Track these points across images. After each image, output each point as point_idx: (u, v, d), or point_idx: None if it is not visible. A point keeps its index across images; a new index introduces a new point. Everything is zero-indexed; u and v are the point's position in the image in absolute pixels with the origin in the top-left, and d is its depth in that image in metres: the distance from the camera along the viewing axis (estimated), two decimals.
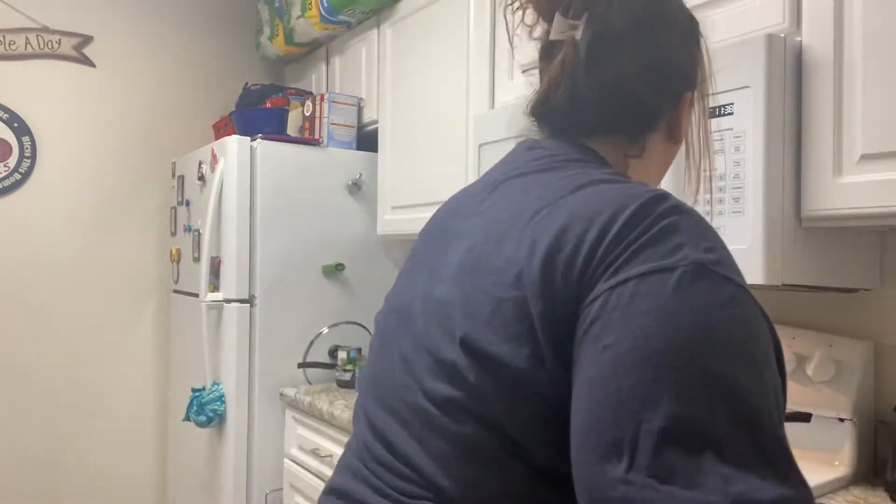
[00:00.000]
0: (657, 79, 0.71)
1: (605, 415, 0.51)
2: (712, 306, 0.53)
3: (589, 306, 0.54)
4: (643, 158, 0.73)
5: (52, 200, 2.68)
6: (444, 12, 2.02)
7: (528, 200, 0.64)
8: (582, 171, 0.66)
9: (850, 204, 1.07)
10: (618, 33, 0.68)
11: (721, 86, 1.15)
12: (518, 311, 0.58)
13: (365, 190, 2.40)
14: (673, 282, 0.52)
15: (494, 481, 0.60)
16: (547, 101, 0.72)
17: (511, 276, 0.59)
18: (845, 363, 1.30)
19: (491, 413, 0.59)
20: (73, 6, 2.70)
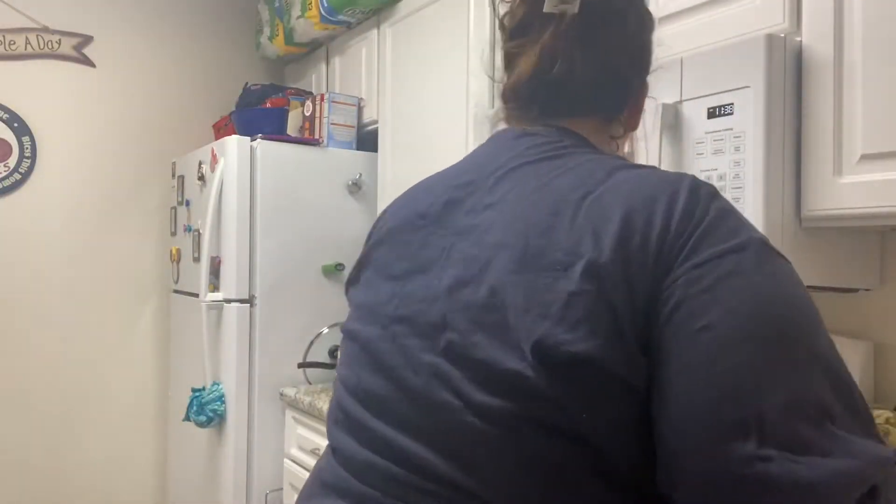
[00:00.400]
0: (639, 59, 0.72)
1: (721, 395, 0.50)
2: (790, 283, 0.56)
3: (669, 289, 0.54)
4: (620, 140, 0.74)
5: (52, 200, 2.68)
6: (444, 12, 2.02)
7: (561, 189, 0.61)
8: (595, 156, 0.65)
9: (850, 204, 1.07)
10: (608, 10, 0.68)
11: (721, 86, 1.15)
12: (596, 303, 0.54)
13: (365, 190, 2.40)
14: (751, 260, 0.54)
15: (569, 501, 0.55)
16: (534, 80, 0.69)
17: (580, 268, 0.55)
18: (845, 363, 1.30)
19: (570, 424, 0.54)
20: (73, 6, 2.70)
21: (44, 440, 2.66)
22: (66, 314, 2.70)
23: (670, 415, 0.52)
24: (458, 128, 1.95)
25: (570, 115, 0.70)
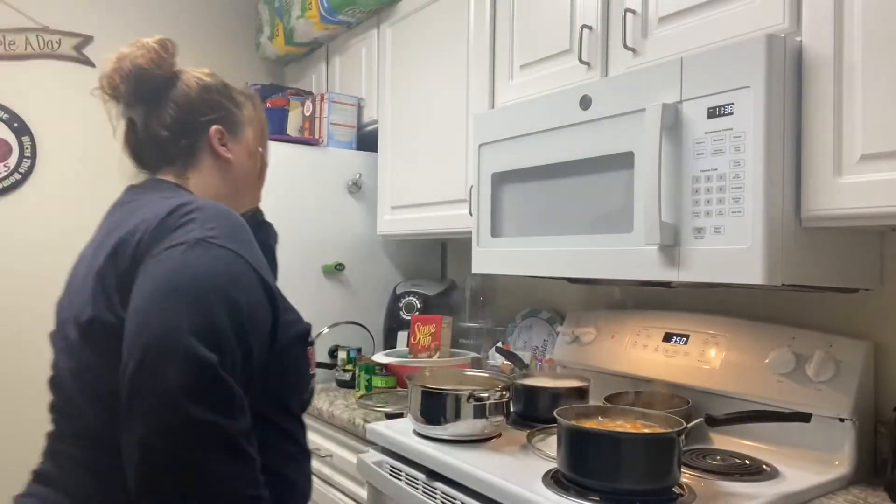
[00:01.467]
0: (184, 125, 1.12)
1: (132, 327, 0.85)
2: (198, 261, 0.88)
3: (139, 270, 0.89)
4: (199, 177, 1.12)
5: (52, 200, 2.68)
6: (444, 12, 2.02)
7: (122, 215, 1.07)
8: (156, 195, 1.06)
9: (850, 204, 1.07)
10: (151, 110, 1.14)
11: (721, 86, 1.15)
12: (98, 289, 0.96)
13: (365, 190, 2.40)
14: (181, 250, 0.88)
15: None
16: (136, 150, 1.24)
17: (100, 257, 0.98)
18: (845, 363, 1.30)
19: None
20: (73, 6, 2.70)
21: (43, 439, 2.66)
22: None
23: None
24: (458, 128, 1.95)
25: (158, 171, 1.18)
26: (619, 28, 1.45)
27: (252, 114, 1.18)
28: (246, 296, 0.90)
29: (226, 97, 1.15)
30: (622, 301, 1.87)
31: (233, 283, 0.89)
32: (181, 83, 1.13)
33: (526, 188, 1.55)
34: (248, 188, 1.19)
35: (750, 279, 1.10)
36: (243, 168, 1.15)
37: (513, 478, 1.20)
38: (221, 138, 1.12)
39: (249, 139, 1.16)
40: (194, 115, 1.11)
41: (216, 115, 1.12)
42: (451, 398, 1.43)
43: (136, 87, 1.09)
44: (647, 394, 1.56)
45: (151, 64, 1.09)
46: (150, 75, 1.09)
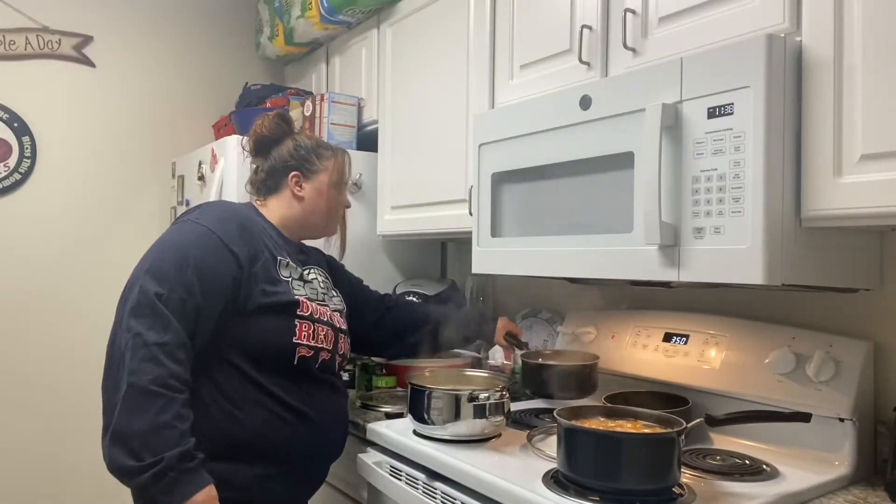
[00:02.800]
0: (275, 170, 1.58)
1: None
2: (177, 231, 1.36)
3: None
4: (274, 202, 1.57)
5: (52, 200, 2.68)
6: (444, 12, 2.02)
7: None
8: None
9: (850, 204, 1.07)
10: (263, 161, 1.60)
11: (721, 86, 1.15)
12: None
13: (365, 190, 2.40)
14: (174, 226, 1.39)
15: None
16: (252, 185, 1.63)
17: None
18: (845, 363, 1.30)
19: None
20: (73, 6, 2.70)
21: (44, 439, 2.66)
22: (66, 314, 2.70)
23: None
24: (458, 128, 1.95)
25: (260, 195, 1.61)
26: (619, 28, 1.45)
27: (331, 165, 1.58)
28: (201, 255, 1.30)
29: (311, 151, 1.57)
30: (621, 301, 1.87)
31: (191, 245, 1.30)
32: (284, 143, 1.57)
33: (526, 188, 1.55)
34: (315, 218, 1.57)
35: (750, 279, 1.10)
36: (311, 203, 1.56)
37: (513, 478, 1.20)
38: (298, 181, 1.55)
39: (323, 183, 1.57)
40: (284, 163, 1.55)
41: (296, 164, 1.55)
42: (451, 398, 1.43)
43: (256, 146, 1.59)
44: (646, 394, 1.56)
45: (266, 131, 1.57)
46: (265, 138, 1.57)
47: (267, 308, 1.35)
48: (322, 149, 1.59)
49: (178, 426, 1.16)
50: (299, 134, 1.61)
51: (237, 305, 1.33)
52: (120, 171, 2.81)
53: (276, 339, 1.36)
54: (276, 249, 1.44)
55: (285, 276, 1.42)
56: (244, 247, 1.35)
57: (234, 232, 1.36)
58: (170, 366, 1.19)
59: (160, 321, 1.21)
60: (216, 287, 1.30)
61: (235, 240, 1.35)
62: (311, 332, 1.40)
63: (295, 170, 1.55)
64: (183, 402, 1.19)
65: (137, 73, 2.84)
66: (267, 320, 1.35)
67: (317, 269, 1.58)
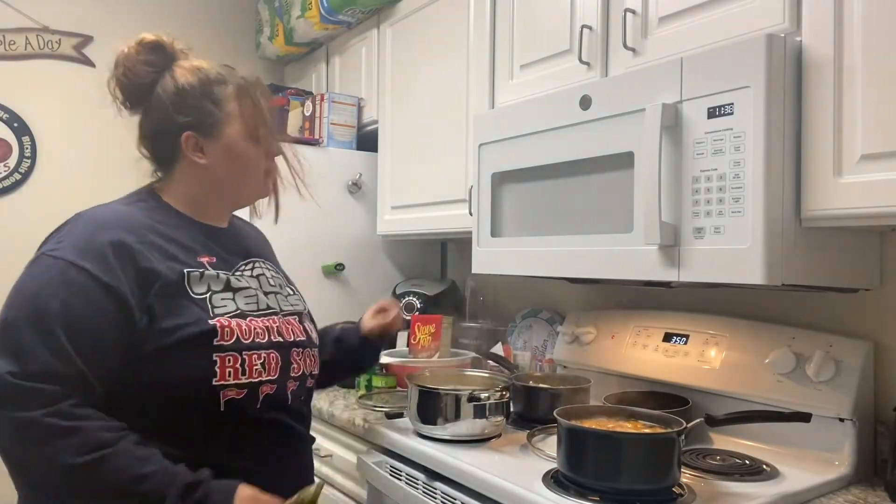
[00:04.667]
0: (160, 134, 1.14)
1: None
2: (27, 275, 1.01)
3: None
4: (173, 184, 1.17)
5: (52, 200, 2.68)
6: (444, 12, 2.02)
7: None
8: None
9: (850, 204, 1.07)
10: (142, 113, 1.17)
11: (721, 86, 1.15)
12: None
13: (365, 190, 2.40)
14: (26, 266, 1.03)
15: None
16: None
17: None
18: (845, 363, 1.30)
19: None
20: (73, 6, 2.70)
21: None
22: None
23: None
24: (458, 128, 1.95)
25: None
26: (619, 28, 1.45)
27: (235, 108, 1.13)
28: (64, 304, 0.95)
29: (202, 95, 1.11)
30: (621, 301, 1.88)
31: (48, 293, 0.96)
32: (161, 86, 1.12)
33: (526, 188, 1.55)
34: (232, 185, 1.17)
35: (750, 279, 1.10)
36: (224, 169, 1.14)
37: (513, 478, 1.20)
38: (196, 142, 1.11)
39: (233, 137, 1.12)
40: (168, 121, 1.11)
41: (189, 119, 1.10)
42: (451, 398, 1.43)
43: (128, 97, 1.15)
44: (646, 394, 1.56)
45: (132, 76, 1.14)
46: (137, 87, 1.13)
47: (171, 348, 0.99)
48: (216, 85, 1.13)
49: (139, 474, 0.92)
50: (180, 67, 1.14)
51: (131, 354, 0.98)
52: (120, 171, 2.81)
53: (186, 387, 1.00)
54: (184, 257, 1.07)
55: (200, 294, 1.05)
56: (126, 275, 0.99)
57: (108, 256, 0.99)
58: (70, 430, 0.91)
59: (25, 395, 0.90)
60: (98, 345, 0.96)
61: (111, 268, 0.98)
62: (238, 366, 1.03)
63: (187, 128, 1.11)
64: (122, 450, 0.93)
65: None
66: (173, 364, 1.00)
67: (261, 262, 1.26)
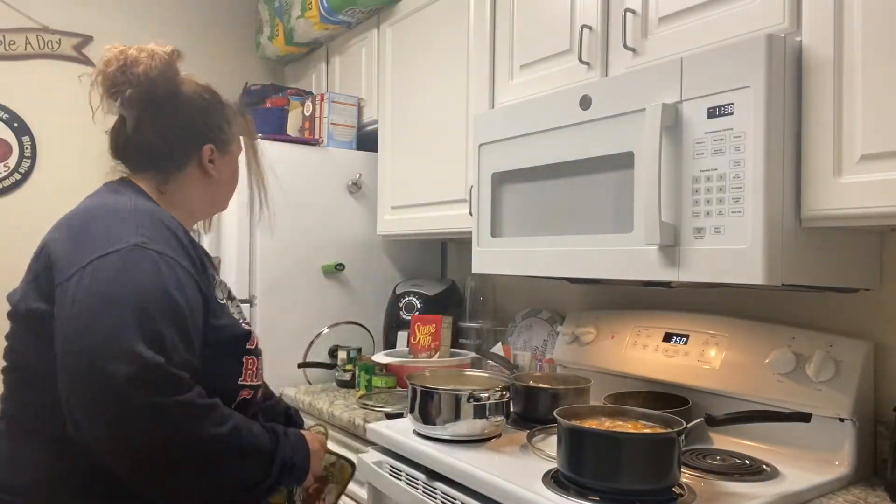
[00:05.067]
0: (179, 137, 1.13)
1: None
2: (141, 267, 0.95)
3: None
4: (179, 187, 1.15)
5: (52, 200, 2.68)
6: (444, 12, 2.02)
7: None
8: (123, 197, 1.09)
9: (850, 204, 1.07)
10: (148, 116, 1.11)
11: (721, 86, 1.15)
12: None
13: (365, 190, 2.40)
14: (115, 256, 0.97)
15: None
16: (120, 149, 1.18)
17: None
18: (845, 363, 1.30)
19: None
20: (73, 6, 2.70)
21: None
22: None
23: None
24: (458, 128, 1.95)
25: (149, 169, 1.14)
26: (619, 28, 1.45)
27: (239, 130, 1.23)
28: (186, 296, 0.97)
29: (222, 116, 1.19)
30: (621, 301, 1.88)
31: (172, 285, 0.95)
32: (184, 96, 1.15)
33: (526, 188, 1.55)
34: (223, 199, 1.25)
35: (750, 279, 1.10)
36: (225, 183, 1.22)
37: (513, 478, 1.20)
38: (211, 156, 1.16)
39: (235, 156, 1.22)
40: (191, 130, 1.14)
41: (212, 135, 1.16)
42: (451, 398, 1.43)
43: (140, 93, 1.10)
44: (646, 394, 1.56)
45: (160, 75, 1.11)
46: (155, 85, 1.11)
47: (214, 346, 1.03)
48: (228, 109, 1.21)
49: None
50: (189, 83, 1.18)
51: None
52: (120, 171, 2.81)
53: (216, 383, 1.01)
54: (208, 263, 1.11)
55: (221, 300, 1.09)
56: (199, 271, 1.04)
57: (192, 255, 1.04)
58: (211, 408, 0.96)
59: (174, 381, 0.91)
60: (198, 337, 0.99)
61: (197, 268, 1.03)
62: (254, 369, 1.10)
63: (211, 141, 1.15)
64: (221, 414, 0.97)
65: None
66: (213, 361, 1.02)
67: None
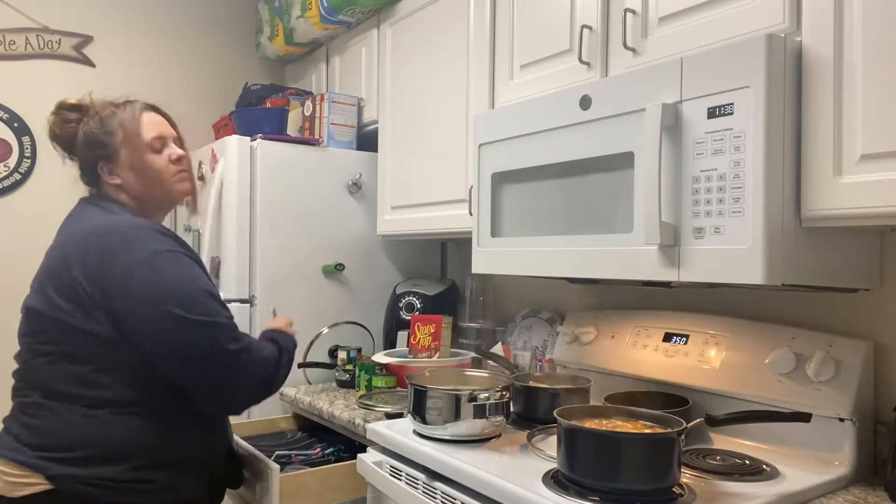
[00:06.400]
0: (86, 171, 1.44)
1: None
2: (179, 265, 1.30)
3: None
4: (114, 196, 1.43)
5: (52, 200, 2.68)
6: (444, 12, 2.02)
7: (67, 229, 1.37)
8: (93, 210, 1.38)
9: (850, 204, 1.07)
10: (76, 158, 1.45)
11: (721, 86, 1.15)
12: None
13: (365, 190, 2.40)
14: (150, 261, 1.30)
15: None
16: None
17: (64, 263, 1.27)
18: (845, 363, 1.30)
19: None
20: (73, 6, 2.70)
21: None
22: None
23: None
24: (458, 128, 1.95)
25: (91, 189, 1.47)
26: (619, 28, 1.45)
27: (122, 136, 1.40)
28: (207, 279, 1.35)
29: (101, 133, 1.39)
30: (621, 301, 1.87)
31: (199, 273, 1.32)
32: (77, 139, 1.41)
33: (526, 188, 1.55)
34: (155, 192, 1.43)
35: (750, 279, 1.10)
36: (136, 183, 1.41)
37: (513, 478, 1.20)
38: (111, 170, 1.40)
39: (128, 159, 1.40)
40: (86, 161, 1.42)
41: (96, 153, 1.40)
42: (451, 398, 1.43)
43: (63, 147, 1.44)
44: (646, 394, 1.56)
45: (59, 131, 1.42)
46: (63, 141, 1.43)
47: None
48: (108, 120, 1.41)
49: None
50: (87, 117, 1.42)
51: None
52: None
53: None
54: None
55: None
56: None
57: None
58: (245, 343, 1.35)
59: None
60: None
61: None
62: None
63: (99, 160, 1.41)
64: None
65: (137, 73, 2.84)
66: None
67: None
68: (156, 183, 1.43)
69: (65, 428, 1.22)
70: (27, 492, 1.20)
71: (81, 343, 1.24)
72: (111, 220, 1.31)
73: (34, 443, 1.22)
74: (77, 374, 1.24)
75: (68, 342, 1.25)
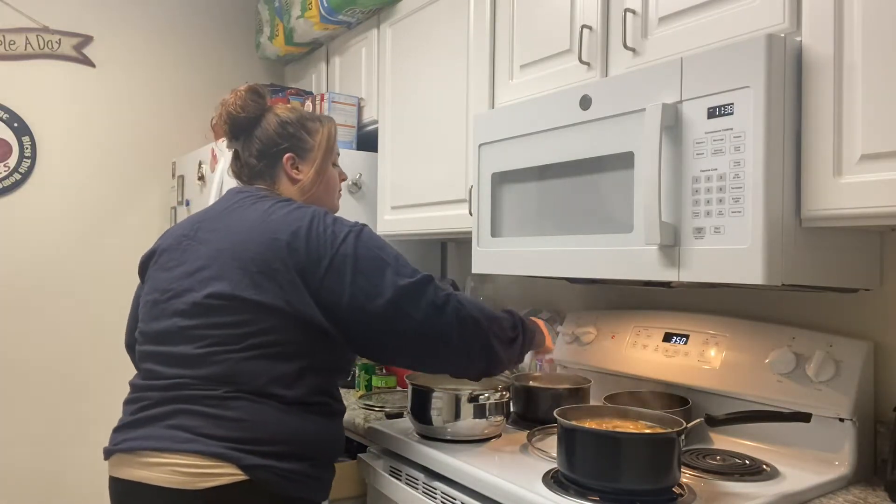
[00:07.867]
0: (265, 154, 1.44)
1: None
2: (372, 236, 1.34)
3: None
4: (280, 190, 1.43)
5: (52, 200, 2.68)
6: (444, 12, 2.02)
7: (253, 216, 1.30)
8: (270, 200, 1.35)
9: (850, 204, 1.07)
10: (251, 139, 1.44)
11: (721, 86, 1.15)
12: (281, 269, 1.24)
13: (365, 190, 2.40)
14: (353, 237, 1.31)
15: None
16: (238, 173, 1.47)
17: (270, 252, 1.24)
18: (845, 363, 1.30)
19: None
20: (73, 6, 2.70)
21: (43, 438, 2.66)
22: (67, 314, 2.70)
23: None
24: (458, 128, 1.95)
25: (259, 183, 1.44)
26: (619, 28, 1.45)
27: (323, 139, 1.47)
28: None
29: (300, 128, 1.45)
30: (621, 301, 1.87)
31: (384, 242, 1.35)
32: (264, 121, 1.44)
33: (526, 188, 1.55)
34: (325, 197, 1.49)
35: (750, 279, 1.10)
36: (312, 184, 1.45)
37: (513, 478, 1.20)
38: (294, 163, 1.43)
39: (318, 159, 1.46)
40: (271, 146, 1.43)
41: (288, 144, 1.43)
42: (451, 398, 1.43)
43: (232, 128, 1.43)
44: (646, 394, 1.56)
45: (240, 110, 1.41)
46: (241, 119, 1.42)
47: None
48: (308, 121, 1.48)
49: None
50: (278, 108, 1.48)
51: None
52: (120, 172, 2.81)
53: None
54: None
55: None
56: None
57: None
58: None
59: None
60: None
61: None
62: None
63: (288, 151, 1.43)
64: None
65: (137, 73, 2.84)
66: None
67: None
68: (329, 190, 1.51)
69: (264, 421, 1.20)
70: (214, 483, 1.14)
71: (289, 338, 1.23)
72: (311, 211, 1.32)
73: (220, 434, 1.17)
74: (281, 372, 1.22)
75: (277, 334, 1.22)
